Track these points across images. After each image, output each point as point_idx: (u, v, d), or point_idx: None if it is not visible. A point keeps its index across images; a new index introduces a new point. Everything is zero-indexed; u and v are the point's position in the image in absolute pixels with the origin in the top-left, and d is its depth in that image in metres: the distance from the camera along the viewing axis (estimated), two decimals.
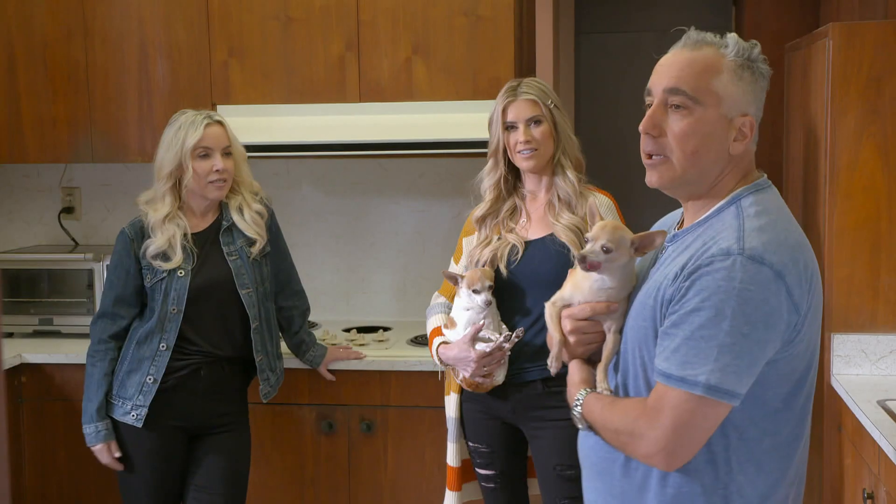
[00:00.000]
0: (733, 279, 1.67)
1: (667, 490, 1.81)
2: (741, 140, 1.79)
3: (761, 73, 1.81)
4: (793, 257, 1.72)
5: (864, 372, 3.17)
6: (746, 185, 1.81)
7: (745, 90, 1.78)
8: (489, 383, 2.84)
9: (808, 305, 1.75)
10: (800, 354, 1.77)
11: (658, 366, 1.75)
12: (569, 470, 2.77)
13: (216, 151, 3.04)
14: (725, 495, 1.78)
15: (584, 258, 1.92)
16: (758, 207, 1.76)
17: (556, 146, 2.88)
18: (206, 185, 3.05)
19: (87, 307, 3.83)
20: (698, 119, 1.77)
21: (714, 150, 1.78)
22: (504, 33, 3.57)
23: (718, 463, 1.77)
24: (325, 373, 3.44)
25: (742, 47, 1.80)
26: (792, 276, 1.71)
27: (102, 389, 3.04)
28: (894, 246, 3.15)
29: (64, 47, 3.81)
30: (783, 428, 1.78)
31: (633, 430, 1.78)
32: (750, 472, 1.77)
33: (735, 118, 1.78)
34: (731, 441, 1.76)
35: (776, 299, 1.68)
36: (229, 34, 3.71)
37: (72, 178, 4.26)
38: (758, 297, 1.67)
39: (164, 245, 3.02)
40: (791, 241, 1.76)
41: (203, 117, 3.05)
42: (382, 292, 4.15)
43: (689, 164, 1.79)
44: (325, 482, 3.56)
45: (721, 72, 1.77)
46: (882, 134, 3.13)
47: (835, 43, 3.13)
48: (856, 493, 2.94)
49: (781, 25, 5.17)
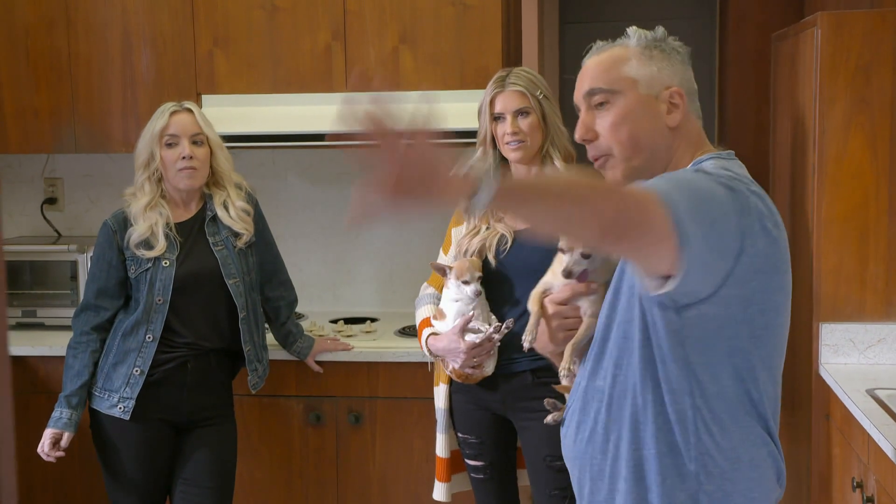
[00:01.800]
0: (684, 171, 1.72)
1: (640, 452, 1.78)
2: (675, 111, 1.83)
3: (674, 49, 1.86)
4: (747, 189, 1.68)
5: (853, 361, 3.18)
6: (709, 153, 1.83)
7: (659, 66, 1.83)
8: (479, 374, 2.84)
9: (760, 243, 1.67)
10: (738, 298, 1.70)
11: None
12: (558, 461, 2.75)
13: (183, 139, 3.01)
14: (696, 456, 1.74)
15: (570, 273, 1.94)
16: (717, 163, 1.78)
17: (544, 137, 2.87)
18: (175, 173, 3.02)
19: (71, 299, 3.79)
20: (621, 107, 1.82)
21: (648, 127, 1.82)
22: (491, 22, 3.55)
23: (686, 424, 1.73)
24: (312, 364, 3.42)
25: (642, 34, 1.86)
26: (741, 200, 1.65)
27: (80, 380, 3.01)
28: (882, 235, 3.16)
29: (46, 36, 3.76)
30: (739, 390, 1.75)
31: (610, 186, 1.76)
32: (715, 432, 1.74)
33: (661, 93, 1.83)
34: (696, 401, 1.73)
35: (723, 194, 1.63)
36: (214, 23, 3.67)
37: (54, 168, 4.22)
38: (704, 184, 1.64)
39: (145, 232, 3.00)
40: (752, 186, 1.72)
41: (172, 105, 3.05)
42: (369, 283, 4.13)
43: (630, 150, 1.82)
44: (313, 474, 3.55)
45: (629, 59, 1.84)
46: (870, 123, 3.13)
47: (823, 33, 3.13)
48: (844, 482, 2.95)
49: (766, 16, 5.17)
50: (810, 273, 3.22)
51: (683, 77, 1.85)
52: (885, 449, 2.48)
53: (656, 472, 1.77)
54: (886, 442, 2.47)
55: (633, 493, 1.79)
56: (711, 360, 1.73)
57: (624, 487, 1.80)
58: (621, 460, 1.81)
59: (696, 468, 1.75)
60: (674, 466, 1.76)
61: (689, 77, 1.87)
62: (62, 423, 3.00)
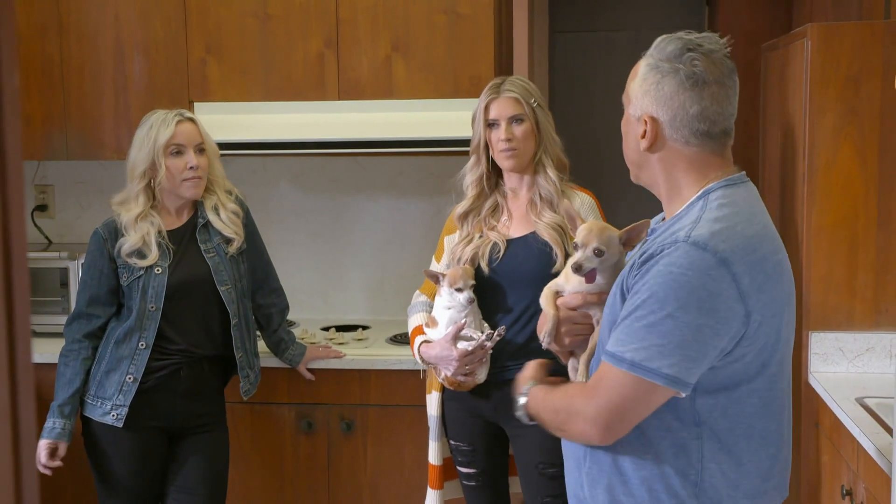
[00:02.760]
0: (672, 265, 1.73)
1: (638, 472, 1.84)
2: (646, 137, 1.87)
3: (676, 70, 1.83)
4: (747, 246, 1.76)
5: (842, 370, 3.20)
6: (718, 181, 1.85)
7: (647, 89, 1.86)
8: (471, 382, 2.85)
9: (767, 297, 1.78)
10: (752, 350, 1.80)
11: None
12: (551, 468, 2.78)
13: (189, 148, 3.02)
14: (697, 482, 1.81)
15: (580, 267, 1.95)
16: (722, 200, 1.81)
17: (537, 145, 2.89)
18: (179, 183, 3.02)
19: (62, 306, 3.78)
20: (623, 120, 1.94)
21: (632, 147, 1.91)
22: (484, 31, 3.56)
23: (690, 450, 1.80)
24: (304, 372, 3.43)
25: (655, 51, 1.87)
26: (741, 265, 1.74)
27: (72, 388, 3.00)
28: (871, 244, 3.19)
29: (38, 43, 3.76)
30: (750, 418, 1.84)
31: (569, 406, 1.87)
32: (721, 459, 1.81)
33: (641, 116, 1.88)
34: (703, 430, 1.80)
35: (716, 285, 1.72)
36: (207, 31, 3.68)
37: (45, 175, 4.21)
38: (694, 282, 1.72)
39: (137, 243, 2.99)
40: (749, 231, 1.79)
41: (174, 115, 3.04)
42: (360, 291, 4.14)
43: (627, 160, 1.95)
44: (304, 481, 3.55)
45: (636, 75, 1.90)
46: (860, 134, 3.16)
47: (813, 43, 3.16)
48: (833, 489, 2.97)
49: (755, 26, 5.21)
50: (800, 282, 3.24)
51: (675, 102, 1.82)
52: (875, 457, 2.50)
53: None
54: (875, 450, 2.49)
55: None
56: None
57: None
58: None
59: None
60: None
61: (686, 101, 1.82)
62: (56, 434, 2.99)
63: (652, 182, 1.93)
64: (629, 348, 1.74)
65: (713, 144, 1.85)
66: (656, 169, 1.89)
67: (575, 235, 2.03)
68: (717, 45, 1.84)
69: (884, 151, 3.15)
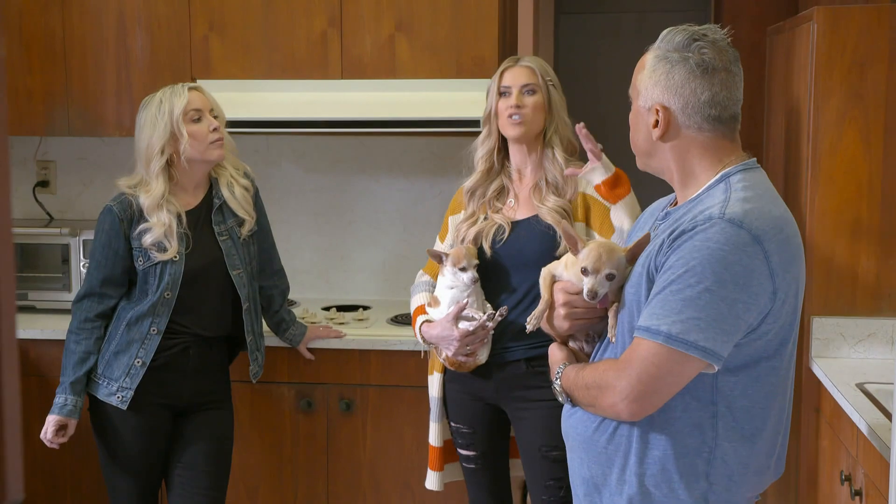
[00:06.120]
0: (709, 240, 1.77)
1: (651, 451, 1.88)
2: (658, 126, 1.92)
3: (685, 59, 1.89)
4: (775, 226, 1.82)
5: (843, 355, 3.20)
6: (735, 165, 1.91)
7: (657, 80, 1.91)
8: (472, 362, 2.84)
9: (791, 276, 1.84)
10: (775, 327, 1.85)
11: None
12: (554, 451, 2.78)
13: (205, 112, 3.01)
14: (709, 459, 1.86)
15: (595, 294, 1.98)
16: (745, 183, 1.87)
17: (545, 122, 2.88)
18: (206, 147, 2.99)
19: (63, 282, 3.78)
20: (631, 112, 2.00)
21: (642, 137, 1.97)
22: (488, 12, 3.54)
23: (704, 428, 1.85)
24: (304, 351, 3.42)
25: (662, 43, 1.93)
26: (772, 242, 1.80)
27: (86, 366, 2.98)
28: (874, 230, 3.17)
29: (40, 17, 3.74)
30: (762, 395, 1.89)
31: (601, 381, 1.89)
32: (734, 438, 1.86)
33: (651, 106, 1.93)
34: (720, 409, 1.85)
35: (750, 261, 1.77)
36: (210, 8, 3.66)
37: (47, 151, 4.20)
38: (730, 258, 1.77)
39: (160, 236, 2.95)
40: (776, 212, 1.86)
41: (182, 85, 3.02)
42: (362, 271, 4.13)
43: (635, 149, 2.01)
44: (303, 461, 3.55)
45: (643, 68, 1.95)
46: (864, 118, 3.14)
47: (819, 27, 3.13)
48: (832, 474, 2.96)
49: (760, 10, 5.18)
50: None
51: (686, 90, 1.89)
52: (874, 443, 2.49)
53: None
54: (875, 436, 2.49)
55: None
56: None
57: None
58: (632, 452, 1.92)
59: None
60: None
61: (697, 88, 1.89)
62: (67, 411, 2.97)
63: (663, 168, 1.97)
64: (665, 321, 1.78)
65: (724, 129, 1.92)
66: (668, 156, 1.94)
67: (578, 258, 2.03)
68: (720, 35, 1.93)
69: (889, 136, 3.13)
